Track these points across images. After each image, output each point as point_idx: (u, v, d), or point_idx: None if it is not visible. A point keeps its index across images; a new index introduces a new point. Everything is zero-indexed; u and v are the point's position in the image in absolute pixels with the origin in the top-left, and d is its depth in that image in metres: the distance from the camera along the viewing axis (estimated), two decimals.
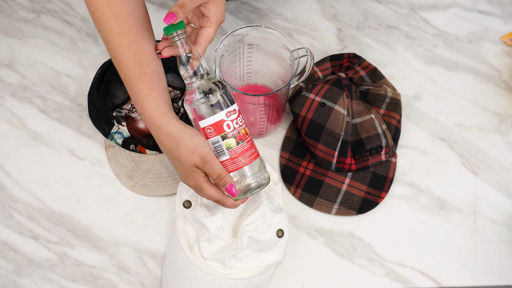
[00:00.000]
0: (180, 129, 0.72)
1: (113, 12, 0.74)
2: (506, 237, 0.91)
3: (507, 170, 0.96)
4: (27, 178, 0.94)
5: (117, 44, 0.75)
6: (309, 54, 0.89)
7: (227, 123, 0.72)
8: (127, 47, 0.74)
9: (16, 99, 1.01)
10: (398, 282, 0.87)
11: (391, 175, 0.94)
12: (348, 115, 0.92)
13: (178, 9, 0.70)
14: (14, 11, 1.10)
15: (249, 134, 0.75)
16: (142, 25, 0.76)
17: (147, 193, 0.93)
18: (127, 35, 0.74)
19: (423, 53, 1.08)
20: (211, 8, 0.74)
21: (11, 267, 0.88)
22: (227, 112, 0.72)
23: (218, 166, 0.72)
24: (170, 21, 0.70)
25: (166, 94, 0.75)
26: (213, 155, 0.72)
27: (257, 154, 0.75)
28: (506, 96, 1.03)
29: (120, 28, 0.74)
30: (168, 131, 0.73)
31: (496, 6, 1.13)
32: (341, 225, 0.92)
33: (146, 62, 0.74)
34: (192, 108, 0.73)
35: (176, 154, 0.73)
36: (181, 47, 0.72)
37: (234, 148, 0.73)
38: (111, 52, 0.76)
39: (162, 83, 0.75)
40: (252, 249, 0.81)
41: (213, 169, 0.72)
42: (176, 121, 0.73)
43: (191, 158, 0.72)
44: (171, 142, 0.73)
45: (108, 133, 0.92)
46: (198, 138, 0.72)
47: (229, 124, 0.72)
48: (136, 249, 0.89)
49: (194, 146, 0.72)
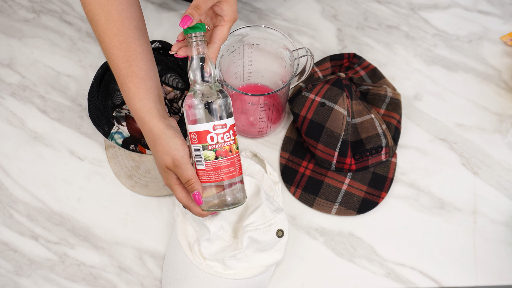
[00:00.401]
0: (159, 129, 0.73)
1: (104, 13, 0.76)
2: (506, 237, 0.91)
3: (507, 170, 0.96)
4: (27, 178, 0.94)
5: (108, 44, 0.76)
6: (309, 54, 0.89)
7: (211, 135, 0.71)
8: (116, 47, 0.75)
9: (16, 99, 1.01)
10: (398, 282, 0.87)
11: (391, 175, 0.94)
12: (348, 115, 0.92)
13: (193, 11, 0.71)
14: (14, 11, 1.10)
15: (234, 152, 0.73)
16: (133, 25, 0.77)
17: (147, 193, 0.93)
18: (117, 35, 0.75)
19: (423, 53, 1.08)
20: (225, 7, 0.74)
21: (11, 267, 0.88)
22: (215, 125, 0.71)
23: (189, 172, 0.72)
24: (186, 24, 0.70)
25: (154, 91, 0.75)
26: (186, 160, 0.72)
27: (235, 174, 0.73)
28: (506, 96, 1.03)
29: (111, 28, 0.76)
30: (150, 128, 0.73)
31: (496, 6, 1.13)
32: (341, 225, 0.92)
33: (135, 61, 0.75)
34: (186, 110, 0.73)
35: (154, 152, 0.74)
36: (195, 49, 0.72)
37: (211, 161, 0.72)
38: (104, 52, 0.77)
39: (150, 81, 0.76)
40: (252, 249, 0.81)
41: (183, 174, 0.72)
42: (158, 120, 0.73)
43: (164, 159, 0.72)
44: (151, 140, 0.74)
45: (108, 133, 0.92)
46: (175, 141, 0.72)
47: (213, 136, 0.71)
48: (136, 249, 0.89)
49: (169, 148, 0.72)
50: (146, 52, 0.77)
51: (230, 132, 0.72)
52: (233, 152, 0.72)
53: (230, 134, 0.72)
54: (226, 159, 0.72)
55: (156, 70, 0.78)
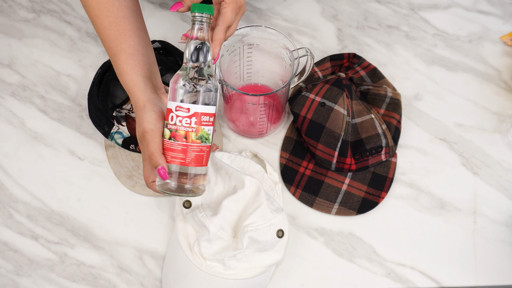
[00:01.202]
0: (141, 101, 0.74)
1: None
2: (506, 237, 0.91)
3: (507, 170, 0.96)
4: (27, 178, 0.94)
5: (99, 26, 0.78)
6: (309, 54, 0.89)
7: (171, 115, 0.71)
8: (107, 28, 0.77)
9: (16, 99, 1.01)
10: (398, 282, 0.87)
11: (391, 175, 0.94)
12: (348, 115, 0.92)
13: None
14: (14, 11, 1.10)
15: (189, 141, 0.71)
16: (124, 5, 0.78)
17: (147, 193, 0.93)
18: (107, 16, 0.77)
19: (423, 53, 1.08)
20: None
21: (11, 267, 0.88)
22: (178, 106, 0.71)
23: (154, 145, 0.71)
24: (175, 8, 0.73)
25: (143, 66, 0.77)
26: (155, 134, 0.72)
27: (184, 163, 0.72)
28: (506, 96, 1.03)
29: (101, 10, 0.77)
30: (134, 101, 0.75)
31: (496, 6, 1.13)
32: (341, 225, 0.92)
33: (124, 38, 0.77)
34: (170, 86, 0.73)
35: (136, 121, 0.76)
36: (198, 29, 0.71)
37: (166, 140, 0.72)
38: (98, 35, 0.79)
39: (139, 56, 0.77)
40: (252, 249, 0.81)
41: (148, 147, 0.72)
42: (143, 93, 0.74)
43: (138, 130, 0.74)
44: (135, 112, 0.75)
45: (108, 133, 0.92)
46: (149, 114, 0.73)
47: (172, 116, 0.71)
48: (136, 249, 0.89)
49: (142, 120, 0.73)
50: (136, 29, 0.78)
51: (192, 119, 0.71)
52: (188, 140, 0.71)
53: (191, 121, 0.71)
54: (178, 144, 0.71)
55: (148, 46, 0.79)
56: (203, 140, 0.72)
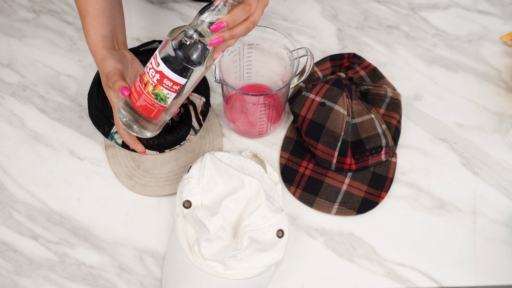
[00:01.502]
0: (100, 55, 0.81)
1: None
2: (506, 237, 0.91)
3: (507, 170, 0.96)
4: (27, 178, 0.94)
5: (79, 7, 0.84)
6: (309, 54, 0.89)
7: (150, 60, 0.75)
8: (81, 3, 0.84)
9: (16, 99, 1.01)
10: (398, 282, 0.87)
11: (391, 175, 0.94)
12: (348, 115, 0.92)
13: None
14: (14, 11, 1.10)
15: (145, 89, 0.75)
16: None
17: (147, 193, 0.93)
18: None
19: (423, 53, 1.08)
20: None
21: (11, 267, 0.88)
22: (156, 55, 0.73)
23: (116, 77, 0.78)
24: None
25: (106, 28, 0.83)
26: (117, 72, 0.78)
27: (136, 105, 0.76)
28: (506, 96, 1.03)
29: None
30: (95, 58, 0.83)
31: (496, 6, 1.13)
32: (341, 225, 0.92)
33: (91, 2, 0.83)
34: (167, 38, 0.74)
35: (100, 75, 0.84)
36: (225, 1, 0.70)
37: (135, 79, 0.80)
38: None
39: (103, 19, 0.83)
40: (252, 249, 0.81)
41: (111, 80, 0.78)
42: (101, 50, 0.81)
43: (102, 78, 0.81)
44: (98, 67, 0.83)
45: (108, 133, 0.92)
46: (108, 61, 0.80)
47: (148, 65, 0.75)
48: (136, 249, 0.89)
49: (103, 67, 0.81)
50: None
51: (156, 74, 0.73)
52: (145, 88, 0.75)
53: (155, 75, 0.73)
54: (137, 85, 0.76)
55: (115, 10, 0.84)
56: (158, 98, 0.75)
